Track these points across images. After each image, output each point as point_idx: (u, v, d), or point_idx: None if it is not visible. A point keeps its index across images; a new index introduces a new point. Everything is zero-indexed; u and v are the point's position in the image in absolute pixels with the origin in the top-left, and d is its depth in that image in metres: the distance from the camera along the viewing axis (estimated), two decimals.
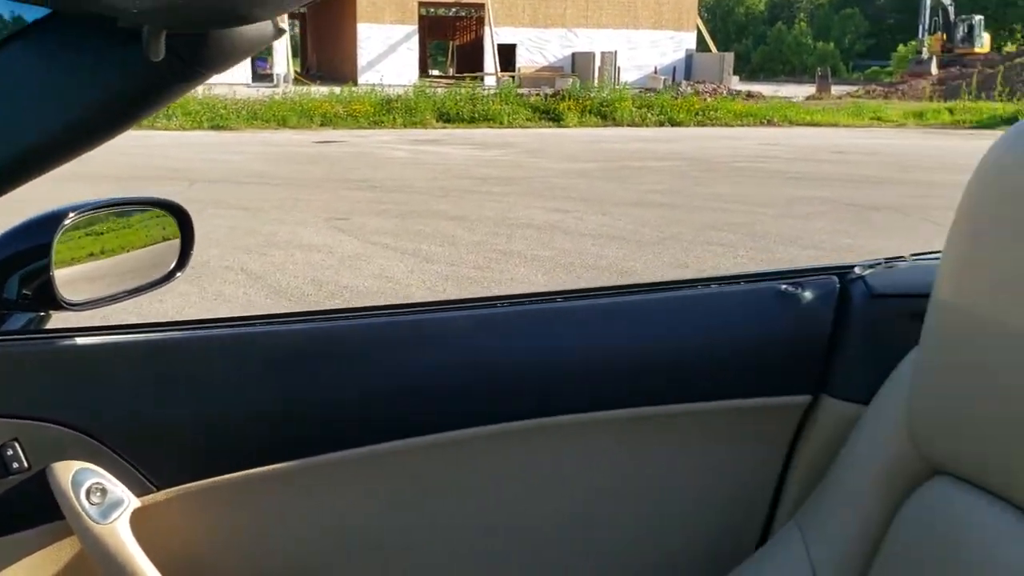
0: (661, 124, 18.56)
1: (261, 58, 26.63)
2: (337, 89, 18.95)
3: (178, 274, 1.06)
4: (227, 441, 0.95)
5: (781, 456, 1.02)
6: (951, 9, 31.23)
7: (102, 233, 1.03)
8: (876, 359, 0.91)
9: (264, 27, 0.67)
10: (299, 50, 39.94)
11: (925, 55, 30.30)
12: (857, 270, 1.01)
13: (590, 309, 1.01)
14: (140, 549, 0.89)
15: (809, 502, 0.93)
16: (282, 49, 25.74)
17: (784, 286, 0.99)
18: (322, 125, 16.55)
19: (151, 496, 0.93)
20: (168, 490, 0.94)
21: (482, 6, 30.02)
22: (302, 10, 25.45)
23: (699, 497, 1.03)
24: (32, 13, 0.64)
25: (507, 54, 29.96)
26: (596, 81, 23.53)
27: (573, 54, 30.38)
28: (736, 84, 27.62)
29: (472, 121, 17.59)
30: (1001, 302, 0.67)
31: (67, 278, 0.92)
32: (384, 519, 1.01)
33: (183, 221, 1.05)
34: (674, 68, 31.27)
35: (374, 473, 0.99)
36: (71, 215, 0.92)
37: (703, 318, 1.01)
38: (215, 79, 0.90)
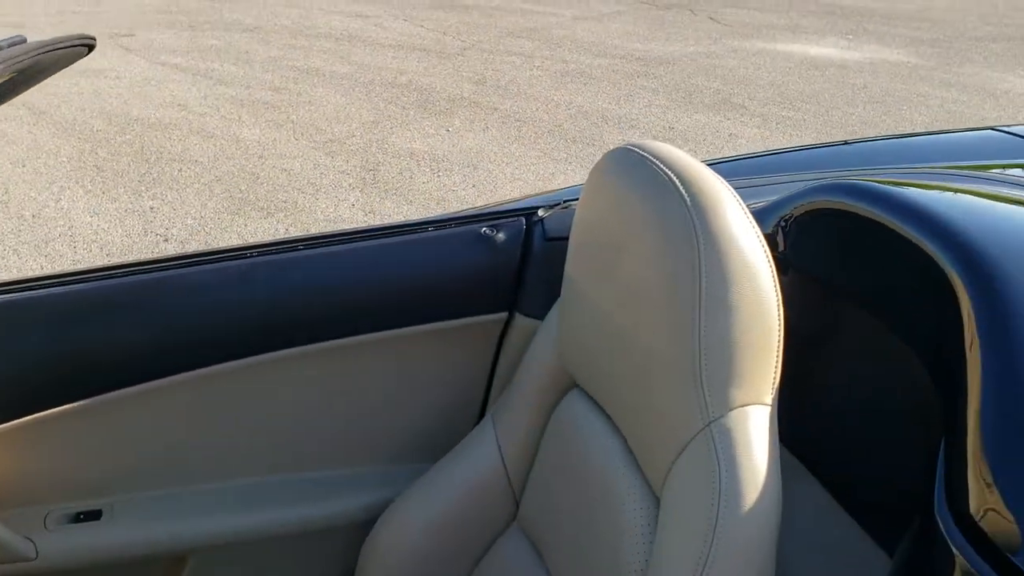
0: None
1: None
2: None
3: None
4: (15, 389, 1.12)
5: (488, 365, 1.28)
6: None
7: None
8: (550, 285, 1.16)
9: None
10: None
11: None
12: (540, 212, 1.24)
13: (329, 255, 1.21)
14: None
15: (500, 400, 1.19)
16: None
17: (484, 228, 1.22)
18: None
19: None
20: None
21: None
22: None
23: (427, 402, 1.29)
24: None
25: None
26: None
27: None
28: None
29: None
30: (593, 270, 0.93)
31: None
32: (173, 446, 1.22)
33: None
34: None
35: (163, 405, 1.19)
36: None
37: (420, 256, 1.23)
38: None
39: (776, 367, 0.82)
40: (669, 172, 0.84)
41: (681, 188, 0.82)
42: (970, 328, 0.78)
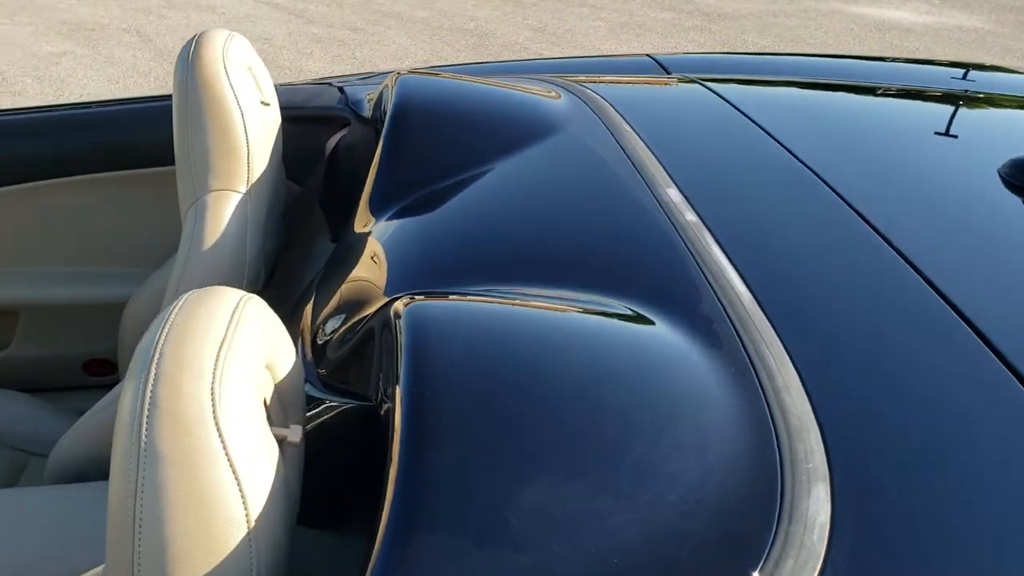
0: None
1: None
2: None
3: None
4: None
5: None
6: None
7: None
8: None
9: None
10: None
11: None
12: None
13: (101, 113, 1.78)
14: None
15: None
16: None
17: None
18: None
19: None
20: None
21: None
22: None
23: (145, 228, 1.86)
24: None
25: None
26: None
27: None
28: None
29: None
30: None
31: None
32: (13, 232, 1.83)
33: None
34: None
35: (9, 203, 1.80)
36: None
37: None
38: None
39: None
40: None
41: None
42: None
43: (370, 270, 1.11)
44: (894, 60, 1.96)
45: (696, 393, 0.76)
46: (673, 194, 1.09)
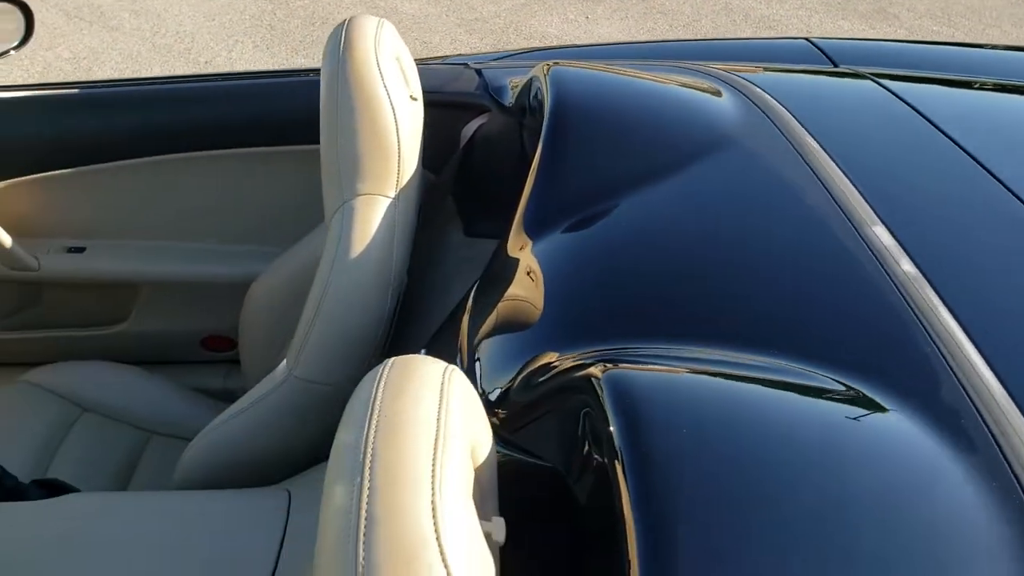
0: None
1: None
2: None
3: (22, 46, 1.76)
4: (30, 154, 1.72)
5: None
6: None
7: None
8: None
9: None
10: None
11: None
12: None
13: (230, 87, 1.72)
14: None
15: None
16: None
17: None
18: None
19: None
20: (4, 181, 1.72)
21: None
22: None
23: (294, 201, 1.79)
24: None
25: None
26: None
27: None
28: None
29: None
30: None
31: None
32: (135, 210, 1.79)
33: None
34: None
35: (131, 179, 1.76)
36: None
37: (283, 93, 1.71)
38: None
39: None
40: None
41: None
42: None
43: (533, 311, 1.02)
44: None
45: (954, 516, 0.66)
46: (883, 235, 0.98)
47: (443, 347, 1.19)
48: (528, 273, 1.10)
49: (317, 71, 1.74)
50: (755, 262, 0.97)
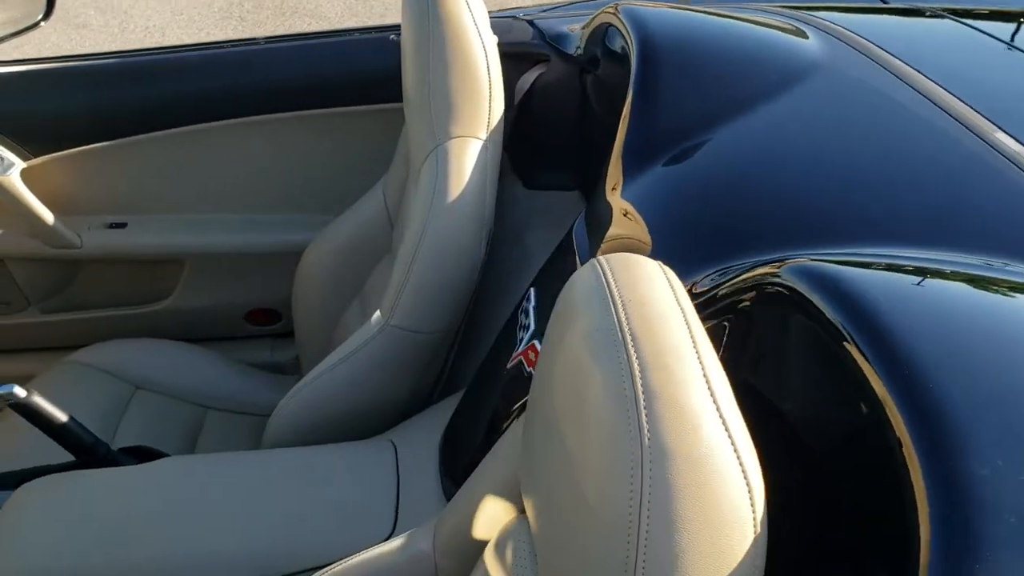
0: None
1: None
2: None
3: (43, 22, 1.71)
4: (68, 127, 1.67)
5: (392, 143, 1.73)
6: None
7: None
8: None
9: None
10: None
11: None
12: None
13: (283, 50, 1.68)
14: (30, 193, 1.63)
15: None
16: None
17: (392, 35, 1.66)
18: None
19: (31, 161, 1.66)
20: (43, 157, 1.67)
21: None
22: None
23: (346, 167, 1.76)
24: None
25: None
26: None
27: None
28: None
29: None
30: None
31: None
32: (176, 182, 1.75)
33: None
34: None
35: (170, 151, 1.71)
36: None
37: (341, 54, 1.68)
38: None
39: None
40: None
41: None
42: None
43: (642, 247, 1.01)
44: None
45: None
46: (1008, 141, 0.99)
47: (550, 285, 1.18)
48: (641, 209, 1.10)
49: (357, 31, 1.72)
50: (899, 168, 0.97)
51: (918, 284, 0.74)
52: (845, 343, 0.67)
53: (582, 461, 0.60)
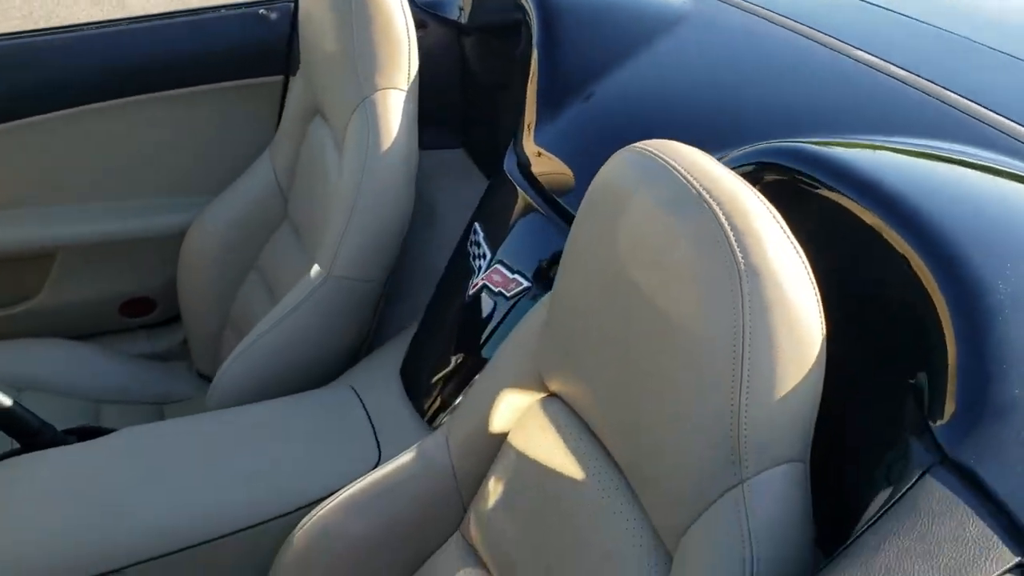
0: None
1: None
2: None
3: None
4: None
5: (273, 118, 1.74)
6: None
7: None
8: None
9: None
10: None
11: None
12: None
13: (145, 30, 1.65)
14: None
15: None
16: None
17: (260, 10, 1.68)
18: None
19: None
20: None
21: None
22: None
23: (226, 144, 1.75)
24: None
25: None
26: None
27: None
28: None
29: None
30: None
31: None
32: (47, 172, 1.66)
33: None
34: None
35: (38, 136, 1.63)
36: None
37: (211, 31, 1.67)
38: None
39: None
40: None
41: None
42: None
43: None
44: None
45: None
46: (864, 56, 1.19)
47: (493, 217, 1.27)
48: (563, 143, 1.23)
49: (224, 7, 1.72)
50: (775, 78, 1.16)
51: (884, 156, 0.91)
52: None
53: (676, 302, 0.71)
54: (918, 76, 1.11)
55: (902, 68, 1.13)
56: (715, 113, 1.14)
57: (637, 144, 0.81)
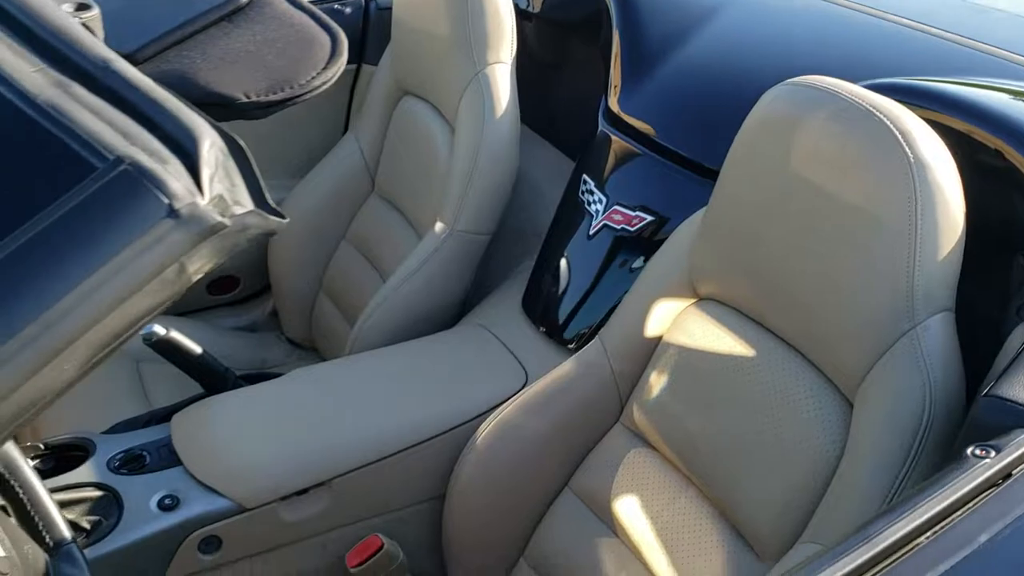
0: None
1: None
2: None
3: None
4: None
5: (344, 105, 1.91)
6: None
7: None
8: (386, 40, 1.79)
9: None
10: None
11: None
12: None
13: None
14: None
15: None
16: None
17: (335, 5, 1.84)
18: None
19: None
20: None
21: None
22: None
23: (297, 132, 1.92)
24: None
25: None
26: None
27: None
28: None
29: None
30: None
31: None
32: None
33: None
34: None
35: None
36: None
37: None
38: None
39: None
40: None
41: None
42: None
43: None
44: None
45: None
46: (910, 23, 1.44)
47: (597, 166, 1.48)
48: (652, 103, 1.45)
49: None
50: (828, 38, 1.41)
51: (971, 90, 1.15)
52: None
53: (855, 192, 0.92)
54: (957, 35, 1.37)
55: (940, 28, 1.39)
56: (792, 71, 1.36)
57: (788, 81, 1.03)
